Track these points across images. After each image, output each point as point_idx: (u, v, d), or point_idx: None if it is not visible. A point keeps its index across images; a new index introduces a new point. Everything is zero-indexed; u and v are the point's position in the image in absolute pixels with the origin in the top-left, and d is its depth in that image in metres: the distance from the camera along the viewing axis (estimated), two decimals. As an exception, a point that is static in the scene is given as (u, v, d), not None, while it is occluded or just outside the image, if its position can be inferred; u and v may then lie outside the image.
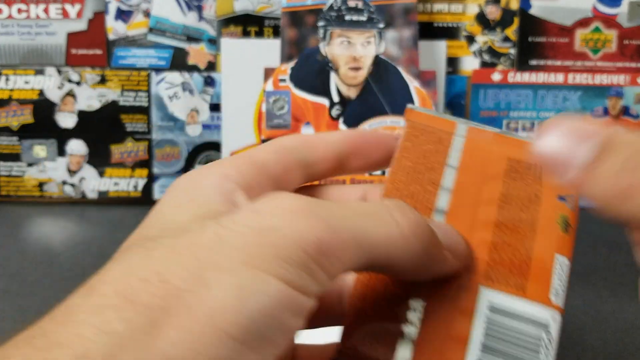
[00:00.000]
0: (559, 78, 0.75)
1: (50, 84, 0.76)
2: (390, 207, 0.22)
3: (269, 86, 0.71)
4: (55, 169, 0.77)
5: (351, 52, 0.70)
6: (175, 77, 0.76)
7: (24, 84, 0.76)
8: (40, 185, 0.77)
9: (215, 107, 0.76)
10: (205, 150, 0.77)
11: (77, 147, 0.76)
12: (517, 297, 0.24)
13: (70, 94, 0.76)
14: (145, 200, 0.77)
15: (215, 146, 0.76)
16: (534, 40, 0.75)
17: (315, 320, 0.23)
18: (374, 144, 0.28)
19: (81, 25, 0.75)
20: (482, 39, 0.75)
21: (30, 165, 0.77)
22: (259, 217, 0.19)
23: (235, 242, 0.19)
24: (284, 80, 0.71)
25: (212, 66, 0.76)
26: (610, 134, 0.20)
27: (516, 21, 0.74)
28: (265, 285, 0.18)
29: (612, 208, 0.20)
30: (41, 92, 0.76)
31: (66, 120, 0.76)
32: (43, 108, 0.76)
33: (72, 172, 0.77)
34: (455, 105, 0.76)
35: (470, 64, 0.75)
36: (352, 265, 0.20)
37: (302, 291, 0.19)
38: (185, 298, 0.18)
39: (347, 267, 0.20)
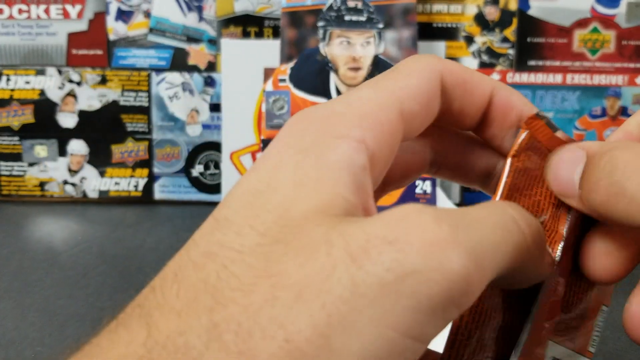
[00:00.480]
0: (557, 78, 0.75)
1: (51, 84, 0.76)
2: (514, 214, 0.20)
3: (269, 86, 0.71)
4: (56, 168, 0.77)
5: (351, 53, 0.70)
6: (175, 77, 0.76)
7: (25, 84, 0.76)
8: (41, 184, 0.77)
9: (215, 107, 0.76)
10: (205, 150, 0.77)
11: (77, 147, 0.77)
12: (570, 350, 0.24)
13: (71, 94, 0.76)
14: (145, 200, 0.77)
15: (215, 146, 0.77)
16: (533, 41, 0.75)
17: None
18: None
19: (82, 26, 0.75)
20: (481, 40, 0.75)
21: (31, 165, 0.77)
22: (398, 255, 0.17)
23: (370, 294, 0.16)
24: (283, 80, 0.71)
25: (212, 66, 0.76)
26: (589, 151, 0.22)
27: (515, 22, 0.74)
28: (395, 348, 0.16)
29: (607, 214, 0.21)
30: (42, 92, 0.76)
31: (67, 120, 0.76)
32: (44, 108, 0.76)
33: (72, 172, 0.77)
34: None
35: (469, 64, 0.75)
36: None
37: (426, 341, 0.17)
38: None
39: (478, 295, 0.18)
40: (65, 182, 0.77)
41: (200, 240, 0.19)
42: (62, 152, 0.77)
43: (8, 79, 0.76)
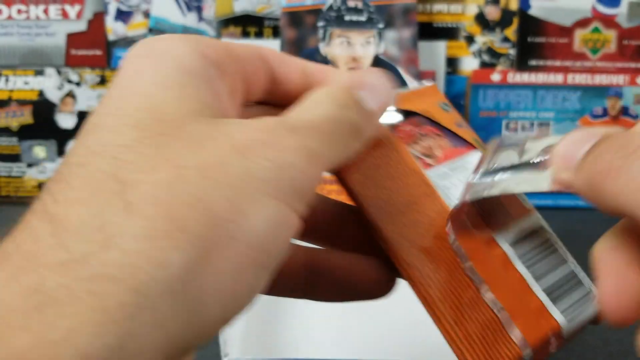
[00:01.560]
0: (558, 78, 0.75)
1: (50, 84, 0.76)
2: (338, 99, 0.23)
3: (269, 86, 0.71)
4: (55, 169, 0.77)
5: (350, 53, 0.70)
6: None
7: (24, 84, 0.76)
8: (40, 185, 0.77)
9: (215, 108, 0.76)
10: (205, 151, 0.77)
11: (76, 147, 0.76)
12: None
13: (70, 94, 0.76)
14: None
15: (215, 147, 0.77)
16: (534, 41, 0.75)
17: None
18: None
19: (81, 26, 0.75)
20: (481, 40, 0.75)
21: (30, 165, 0.77)
22: (277, 152, 0.20)
23: (261, 175, 0.19)
24: (283, 80, 0.71)
25: (211, 67, 0.76)
26: (607, 132, 0.21)
27: (515, 21, 0.74)
28: (290, 218, 0.20)
29: (593, 192, 0.20)
30: (41, 93, 0.76)
31: (66, 120, 0.76)
32: (43, 109, 0.76)
33: (72, 173, 0.77)
34: (455, 105, 0.76)
35: (469, 64, 0.76)
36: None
37: (300, 216, 0.21)
38: (229, 229, 0.18)
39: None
40: (64, 183, 0.77)
41: (76, 149, 0.20)
42: (61, 152, 0.77)
43: (7, 80, 0.76)
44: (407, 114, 0.28)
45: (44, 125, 0.76)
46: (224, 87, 0.23)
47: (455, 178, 0.27)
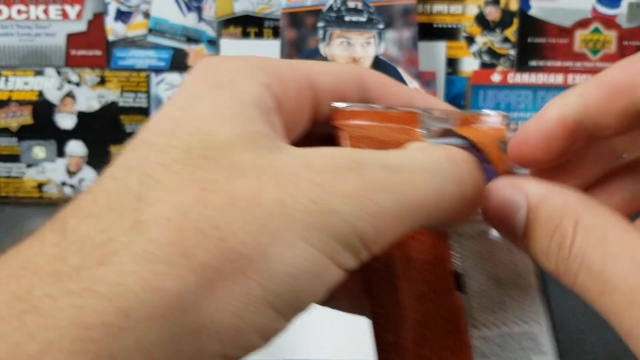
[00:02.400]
0: (558, 79, 0.75)
1: (49, 84, 0.76)
2: (459, 168, 0.21)
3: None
4: (55, 170, 0.77)
5: (350, 53, 0.70)
6: (175, 78, 0.76)
7: (24, 85, 0.76)
8: (40, 186, 0.77)
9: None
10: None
11: (76, 148, 0.76)
12: None
13: (70, 94, 0.76)
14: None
15: (214, 147, 0.76)
16: (534, 41, 0.75)
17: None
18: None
19: (81, 26, 0.75)
20: (481, 40, 0.75)
21: (29, 166, 0.77)
22: (323, 193, 0.18)
23: (298, 216, 0.18)
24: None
25: (211, 67, 0.75)
26: (530, 201, 0.21)
27: (516, 22, 0.74)
28: (321, 268, 0.18)
29: (558, 277, 0.21)
30: (40, 93, 0.76)
31: (65, 121, 0.76)
32: (42, 109, 0.76)
33: (71, 173, 0.77)
34: (455, 106, 0.75)
35: (469, 64, 0.75)
36: (399, 236, 0.20)
37: (343, 268, 0.19)
38: (241, 264, 0.17)
39: (392, 240, 0.20)
40: (64, 184, 0.77)
41: (116, 162, 0.20)
42: (61, 153, 0.76)
43: (7, 80, 0.76)
44: (460, 138, 0.25)
45: (43, 125, 0.76)
46: (280, 119, 0.22)
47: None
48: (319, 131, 0.24)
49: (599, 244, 0.19)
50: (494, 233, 0.24)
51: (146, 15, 0.75)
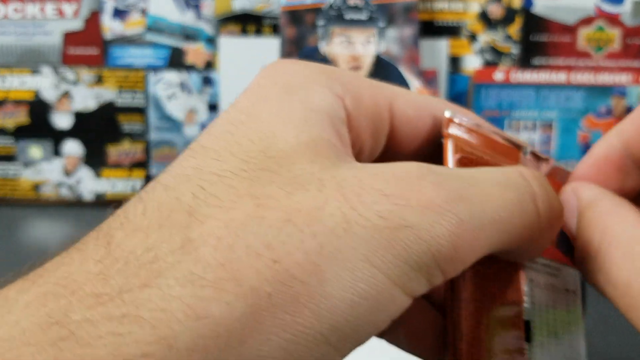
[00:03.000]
0: (561, 77, 0.75)
1: (46, 84, 0.75)
2: (535, 190, 0.19)
3: (268, 86, 0.70)
4: (51, 170, 0.77)
5: (351, 51, 0.70)
6: (173, 76, 0.76)
7: (20, 84, 0.75)
8: (36, 186, 0.77)
9: (214, 107, 0.76)
10: (203, 151, 0.76)
11: (73, 148, 0.76)
12: None
13: (66, 94, 0.76)
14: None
15: (213, 147, 0.76)
16: (537, 39, 0.75)
17: None
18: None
19: (77, 25, 0.75)
20: (484, 38, 0.75)
21: (26, 166, 0.76)
22: (392, 206, 0.17)
23: (362, 233, 0.16)
24: (283, 79, 0.70)
25: (210, 65, 0.75)
26: (580, 203, 0.21)
27: (518, 20, 0.74)
28: (383, 294, 0.16)
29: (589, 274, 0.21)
30: (37, 93, 0.76)
31: (62, 120, 0.76)
32: (39, 108, 0.76)
33: (68, 173, 0.77)
34: (457, 104, 0.75)
35: (472, 63, 0.75)
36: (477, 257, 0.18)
37: (411, 295, 0.17)
38: (295, 289, 0.16)
39: (470, 262, 0.18)
40: (60, 184, 0.77)
41: (172, 168, 0.18)
42: (58, 153, 0.76)
43: (3, 79, 0.75)
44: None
45: (40, 125, 0.76)
46: (350, 134, 0.20)
47: (541, 277, 0.23)
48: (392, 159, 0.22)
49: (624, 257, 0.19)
50: (560, 284, 0.23)
51: (144, 13, 0.75)
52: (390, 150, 0.22)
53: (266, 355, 0.15)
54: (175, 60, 0.75)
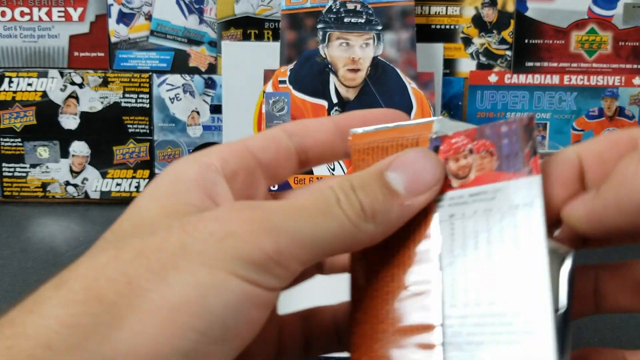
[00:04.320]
0: (554, 79, 0.75)
1: (53, 86, 0.76)
2: (340, 197, 0.23)
3: (269, 88, 0.71)
4: (58, 170, 0.77)
5: (350, 54, 0.70)
6: (176, 79, 0.76)
7: (27, 86, 0.76)
8: (43, 186, 0.78)
9: (215, 109, 0.76)
10: (206, 151, 0.77)
11: (79, 148, 0.77)
12: None
13: (73, 95, 0.76)
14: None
15: (215, 147, 0.77)
16: (530, 42, 0.75)
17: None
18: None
19: (83, 28, 0.76)
20: (478, 41, 0.75)
21: (33, 166, 0.77)
22: (220, 225, 0.22)
23: (197, 248, 0.21)
24: (283, 82, 0.71)
25: (212, 68, 0.76)
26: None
27: (512, 23, 0.75)
28: (225, 282, 0.21)
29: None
30: (44, 94, 0.76)
31: (69, 121, 0.77)
32: (46, 110, 0.76)
33: (74, 173, 0.77)
34: (453, 106, 0.76)
35: (467, 65, 0.76)
36: (311, 261, 0.23)
37: (264, 287, 0.21)
38: (148, 296, 0.20)
39: (305, 263, 0.22)
40: (67, 183, 0.78)
41: (79, 263, 0.24)
42: (64, 153, 0.77)
43: (10, 81, 0.76)
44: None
45: (47, 126, 0.76)
46: (227, 186, 0.25)
47: (468, 208, 0.24)
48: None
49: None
50: (499, 205, 0.24)
51: (148, 17, 0.75)
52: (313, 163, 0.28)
53: (138, 347, 0.20)
54: (179, 63, 0.76)
